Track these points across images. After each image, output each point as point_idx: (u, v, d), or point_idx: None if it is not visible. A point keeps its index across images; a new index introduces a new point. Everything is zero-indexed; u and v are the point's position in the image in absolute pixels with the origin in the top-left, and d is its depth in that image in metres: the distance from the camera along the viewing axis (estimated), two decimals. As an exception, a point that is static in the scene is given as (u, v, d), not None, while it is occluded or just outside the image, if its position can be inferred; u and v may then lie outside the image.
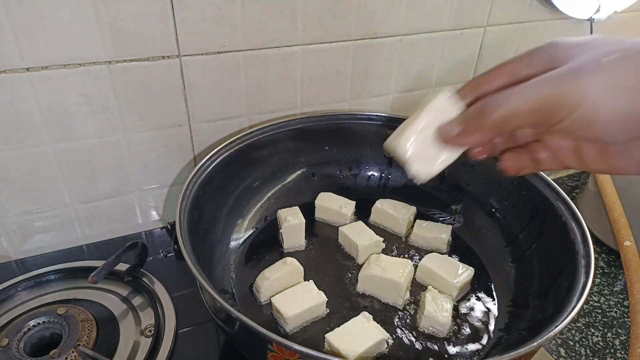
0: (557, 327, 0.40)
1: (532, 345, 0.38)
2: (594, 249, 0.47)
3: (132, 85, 0.57)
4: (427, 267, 0.58)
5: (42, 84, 0.53)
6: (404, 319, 0.54)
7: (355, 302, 0.56)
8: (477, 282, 0.59)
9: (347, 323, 0.50)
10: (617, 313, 0.64)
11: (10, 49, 0.50)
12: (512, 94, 0.25)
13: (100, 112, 0.57)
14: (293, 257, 0.58)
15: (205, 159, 0.57)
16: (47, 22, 0.50)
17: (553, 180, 0.56)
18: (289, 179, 0.70)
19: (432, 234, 0.64)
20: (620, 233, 0.65)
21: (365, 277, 0.57)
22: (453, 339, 0.52)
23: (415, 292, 0.58)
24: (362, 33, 0.67)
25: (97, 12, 0.51)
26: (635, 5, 0.81)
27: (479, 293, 0.58)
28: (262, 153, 0.65)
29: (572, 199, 0.54)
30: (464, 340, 0.52)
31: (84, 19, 0.51)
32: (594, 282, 0.69)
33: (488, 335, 0.53)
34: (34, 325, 0.51)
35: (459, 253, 0.63)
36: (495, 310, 0.56)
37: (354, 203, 0.68)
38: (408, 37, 0.70)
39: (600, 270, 0.71)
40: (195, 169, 0.55)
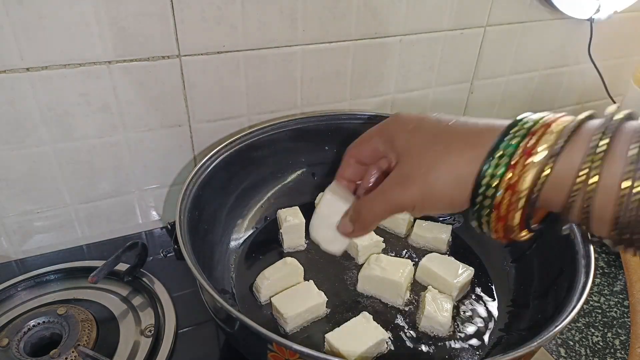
0: (557, 327, 0.40)
1: (532, 345, 0.38)
2: (594, 249, 0.47)
3: (132, 85, 0.57)
4: (427, 267, 0.58)
5: (42, 84, 0.53)
6: (404, 319, 0.54)
7: (355, 302, 0.56)
8: (477, 282, 0.59)
9: (347, 323, 0.50)
10: (617, 313, 0.64)
11: (10, 49, 0.50)
12: (374, 201, 0.37)
13: (100, 112, 0.57)
14: (293, 257, 0.58)
15: (205, 159, 0.57)
16: (47, 22, 0.50)
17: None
18: (289, 179, 0.70)
19: (432, 234, 0.64)
20: (620, 233, 0.65)
21: (366, 277, 0.57)
22: (453, 339, 0.52)
23: (415, 292, 0.58)
24: (362, 33, 0.67)
25: (97, 12, 0.51)
26: (635, 5, 0.81)
27: (479, 293, 0.58)
28: (262, 153, 0.65)
29: (572, 199, 0.54)
30: (464, 340, 0.52)
31: (84, 19, 0.51)
32: (594, 282, 0.69)
33: (488, 335, 0.53)
34: (34, 325, 0.51)
35: (459, 253, 0.63)
36: (495, 310, 0.56)
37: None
38: (408, 37, 0.70)
39: (600, 270, 0.71)
40: (195, 169, 0.55)
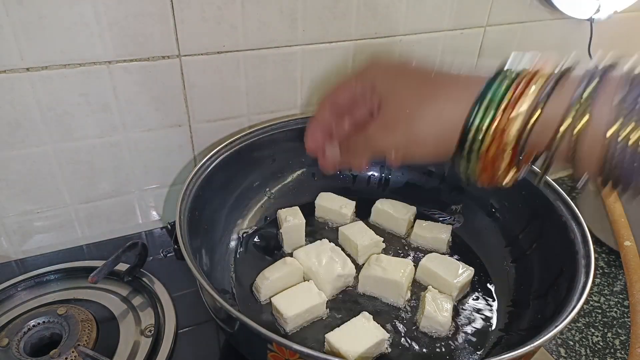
0: (557, 327, 0.40)
1: (532, 345, 0.38)
2: (594, 249, 0.47)
3: (132, 85, 0.57)
4: (427, 267, 0.58)
5: (42, 84, 0.53)
6: (404, 319, 0.54)
7: (355, 302, 0.56)
8: (477, 282, 0.59)
9: (347, 323, 0.50)
10: (617, 313, 0.64)
11: (10, 49, 0.50)
12: (358, 144, 0.40)
13: (100, 112, 0.57)
14: (293, 257, 0.58)
15: (205, 159, 0.57)
16: (47, 22, 0.50)
17: (553, 180, 0.56)
18: (289, 179, 0.70)
19: (432, 234, 0.64)
20: (620, 233, 0.65)
21: (366, 277, 0.57)
22: (453, 339, 0.52)
23: (416, 292, 0.58)
24: (362, 33, 0.67)
25: (97, 12, 0.51)
26: (635, 5, 0.81)
27: (479, 293, 0.58)
28: (262, 153, 0.65)
29: (572, 199, 0.54)
30: (464, 340, 0.52)
31: (84, 19, 0.51)
32: (594, 282, 0.69)
33: (488, 335, 0.53)
34: (34, 325, 0.51)
35: (459, 253, 0.63)
36: (495, 310, 0.56)
37: (354, 203, 0.68)
38: (408, 37, 0.70)
39: (600, 270, 0.71)
40: (195, 169, 0.55)
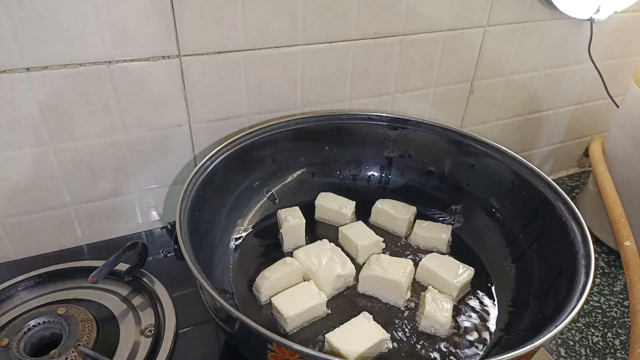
0: (557, 327, 0.40)
1: (532, 345, 0.38)
2: (594, 249, 0.48)
3: (132, 85, 0.57)
4: (427, 267, 0.58)
5: (42, 84, 0.53)
6: (404, 319, 0.54)
7: (355, 302, 0.56)
8: (477, 282, 0.59)
9: (347, 323, 0.50)
10: (617, 313, 0.64)
11: (10, 49, 0.50)
12: None
13: (100, 112, 0.57)
14: (293, 257, 0.58)
15: (205, 159, 0.57)
16: (47, 22, 0.50)
17: (553, 180, 0.56)
18: (289, 179, 0.70)
19: (432, 234, 0.64)
20: (620, 233, 0.65)
21: (366, 277, 0.57)
22: (453, 339, 0.52)
23: (416, 292, 0.58)
24: (362, 33, 0.67)
25: (97, 12, 0.51)
26: (635, 5, 0.81)
27: (479, 293, 0.58)
28: (262, 153, 0.65)
29: (572, 199, 0.54)
30: (464, 340, 0.52)
31: (84, 19, 0.51)
32: (594, 282, 0.69)
33: (488, 335, 0.53)
34: (34, 325, 0.51)
35: (459, 253, 0.63)
36: (495, 310, 0.56)
37: (354, 203, 0.68)
38: (408, 37, 0.70)
39: (600, 270, 0.71)
40: (195, 169, 0.55)
